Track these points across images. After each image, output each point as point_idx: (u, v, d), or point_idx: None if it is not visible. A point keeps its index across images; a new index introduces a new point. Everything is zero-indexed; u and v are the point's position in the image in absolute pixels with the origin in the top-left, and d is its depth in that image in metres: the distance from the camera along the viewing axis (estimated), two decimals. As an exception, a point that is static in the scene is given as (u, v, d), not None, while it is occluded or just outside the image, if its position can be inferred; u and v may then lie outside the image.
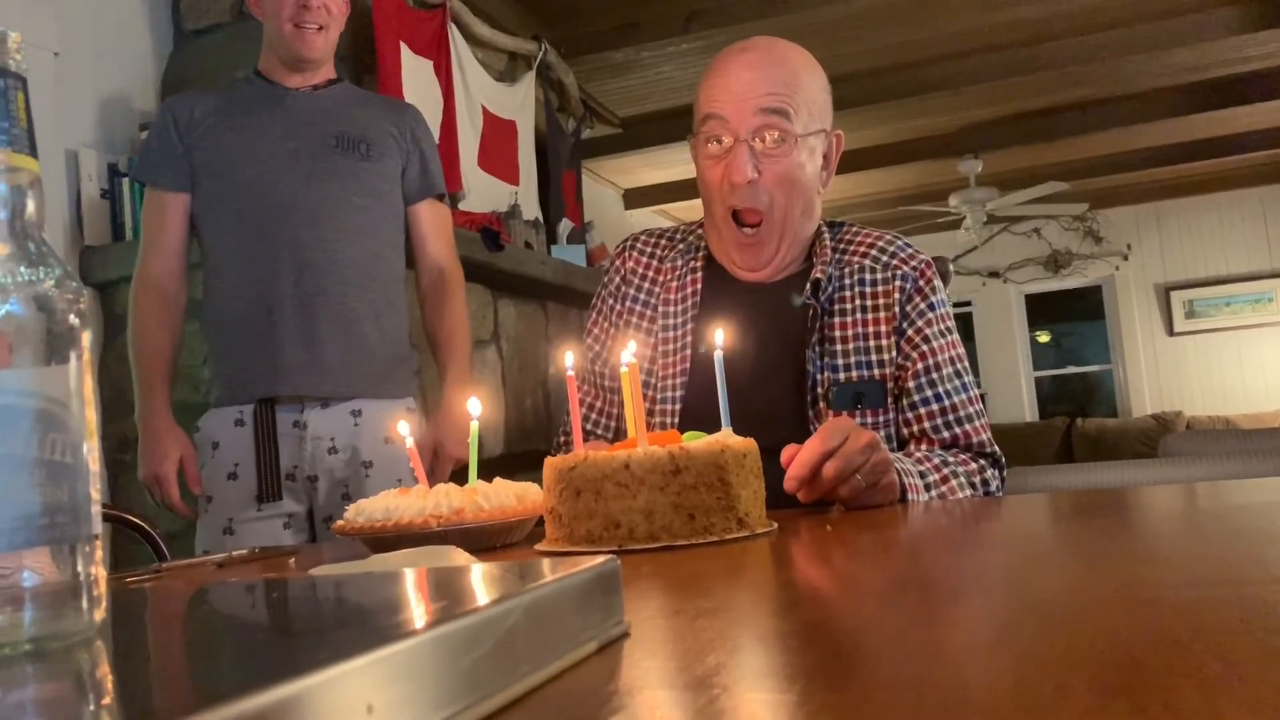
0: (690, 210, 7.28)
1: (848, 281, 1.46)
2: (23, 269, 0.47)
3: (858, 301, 1.45)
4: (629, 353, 1.06)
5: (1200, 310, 8.56)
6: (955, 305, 8.65)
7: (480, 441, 1.20)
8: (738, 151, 1.40)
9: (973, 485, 1.34)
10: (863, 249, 1.49)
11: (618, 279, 1.61)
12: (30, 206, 0.49)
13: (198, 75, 3.03)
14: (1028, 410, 9.00)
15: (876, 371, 1.41)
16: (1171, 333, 8.64)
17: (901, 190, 7.69)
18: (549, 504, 0.99)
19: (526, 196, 4.17)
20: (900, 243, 1.51)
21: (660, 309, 1.54)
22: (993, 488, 1.39)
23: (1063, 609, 0.54)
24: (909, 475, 1.23)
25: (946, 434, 1.39)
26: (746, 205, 1.42)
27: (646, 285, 1.58)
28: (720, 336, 1.06)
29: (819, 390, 1.40)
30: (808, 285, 1.45)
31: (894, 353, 1.42)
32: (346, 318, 2.05)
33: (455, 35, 3.70)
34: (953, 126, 6.42)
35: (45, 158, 0.48)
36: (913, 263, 1.47)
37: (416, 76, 3.41)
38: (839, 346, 1.42)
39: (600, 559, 0.53)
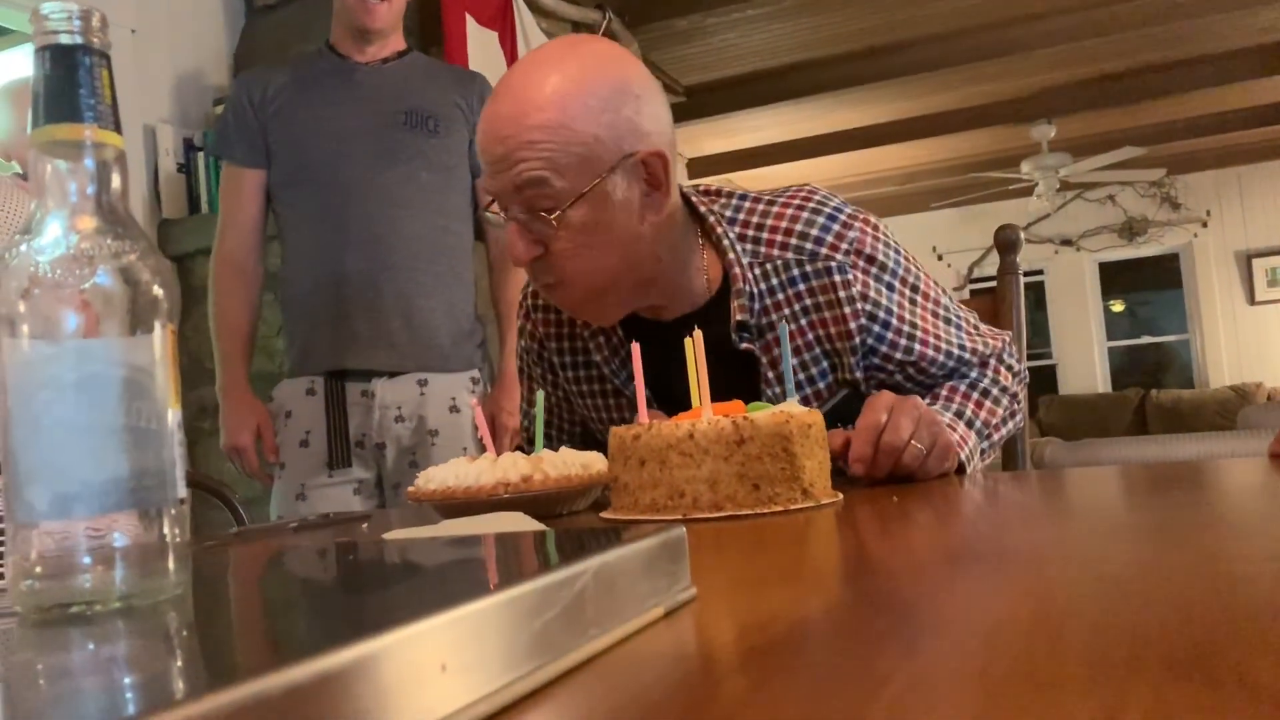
0: (756, 180, 7.22)
1: (775, 282, 1.26)
2: (109, 241, 0.48)
3: (796, 305, 1.26)
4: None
5: (1284, 279, 8.30)
6: (1026, 274, 8.42)
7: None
8: (509, 231, 1.18)
9: (1002, 388, 1.30)
10: (779, 240, 1.26)
11: (535, 345, 1.44)
12: (115, 181, 0.50)
13: (269, 50, 3.08)
14: (1100, 381, 8.81)
15: (847, 375, 1.28)
16: (1253, 301, 8.39)
17: (972, 157, 7.55)
18: (614, 473, 1.00)
19: (591, 167, 4.17)
20: (820, 221, 1.25)
21: (596, 362, 1.37)
22: (1017, 370, 1.34)
23: (1135, 581, 0.54)
24: (954, 429, 1.20)
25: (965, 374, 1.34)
26: (542, 283, 1.24)
27: (566, 345, 1.40)
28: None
29: None
30: (732, 328, 1.25)
31: (857, 339, 1.26)
32: (413, 293, 2.09)
33: (520, 6, 3.70)
34: (1025, 91, 6.27)
35: (125, 133, 0.49)
36: (844, 245, 1.24)
37: (482, 48, 3.42)
38: (796, 361, 1.27)
39: (667, 526, 0.53)
